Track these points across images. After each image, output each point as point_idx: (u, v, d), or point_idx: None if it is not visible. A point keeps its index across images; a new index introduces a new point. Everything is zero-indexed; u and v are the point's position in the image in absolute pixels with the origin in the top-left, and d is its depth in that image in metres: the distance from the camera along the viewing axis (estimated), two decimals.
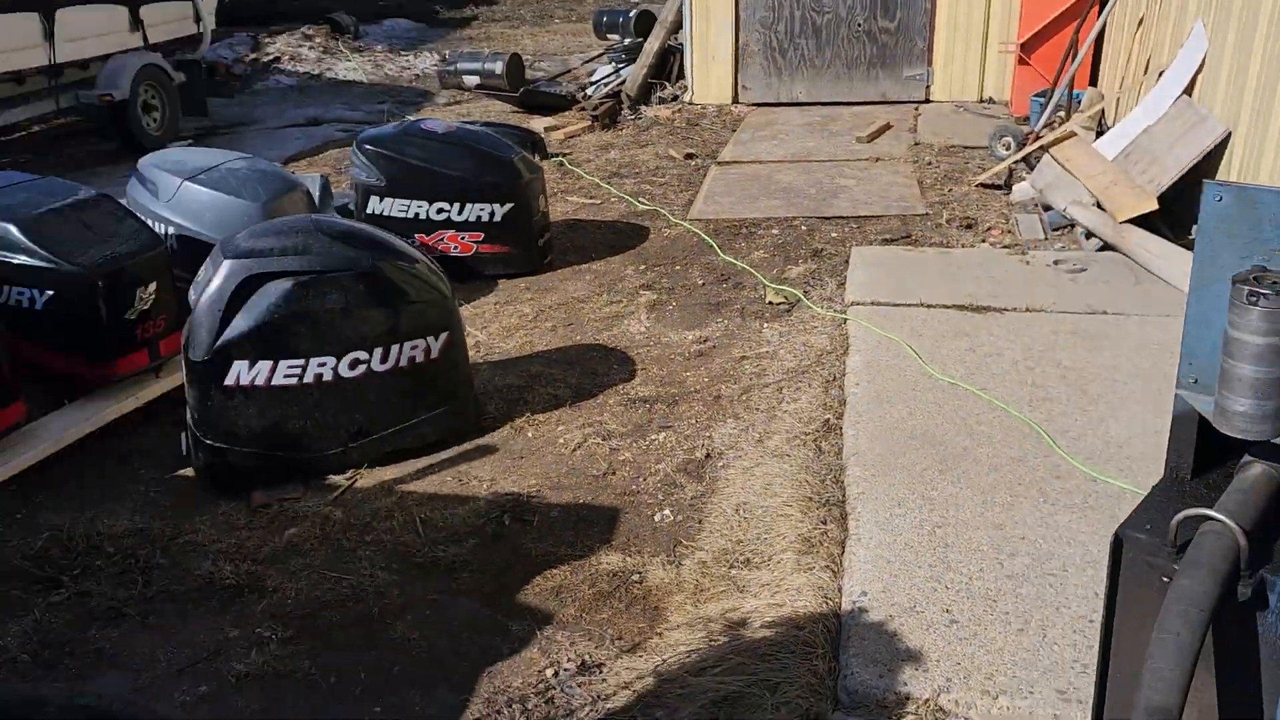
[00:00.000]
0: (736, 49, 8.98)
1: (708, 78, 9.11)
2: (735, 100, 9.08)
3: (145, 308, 3.94)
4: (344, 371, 3.56)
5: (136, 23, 9.04)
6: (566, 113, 9.30)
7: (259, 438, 3.54)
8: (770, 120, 8.51)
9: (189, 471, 3.67)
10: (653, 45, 9.47)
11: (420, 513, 3.38)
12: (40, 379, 3.86)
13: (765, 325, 4.70)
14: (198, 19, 10.06)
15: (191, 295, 3.54)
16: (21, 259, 3.75)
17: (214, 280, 3.46)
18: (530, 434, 3.88)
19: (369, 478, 3.62)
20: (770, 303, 4.91)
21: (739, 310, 4.89)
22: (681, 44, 9.44)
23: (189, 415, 3.58)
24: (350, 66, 12.65)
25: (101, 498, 3.55)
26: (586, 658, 2.72)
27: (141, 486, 3.63)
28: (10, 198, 3.94)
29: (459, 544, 3.22)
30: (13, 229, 3.75)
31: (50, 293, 3.77)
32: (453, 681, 2.67)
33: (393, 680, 2.68)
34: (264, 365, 3.47)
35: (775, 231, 5.93)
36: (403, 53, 13.53)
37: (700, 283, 5.26)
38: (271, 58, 12.84)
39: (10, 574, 3.14)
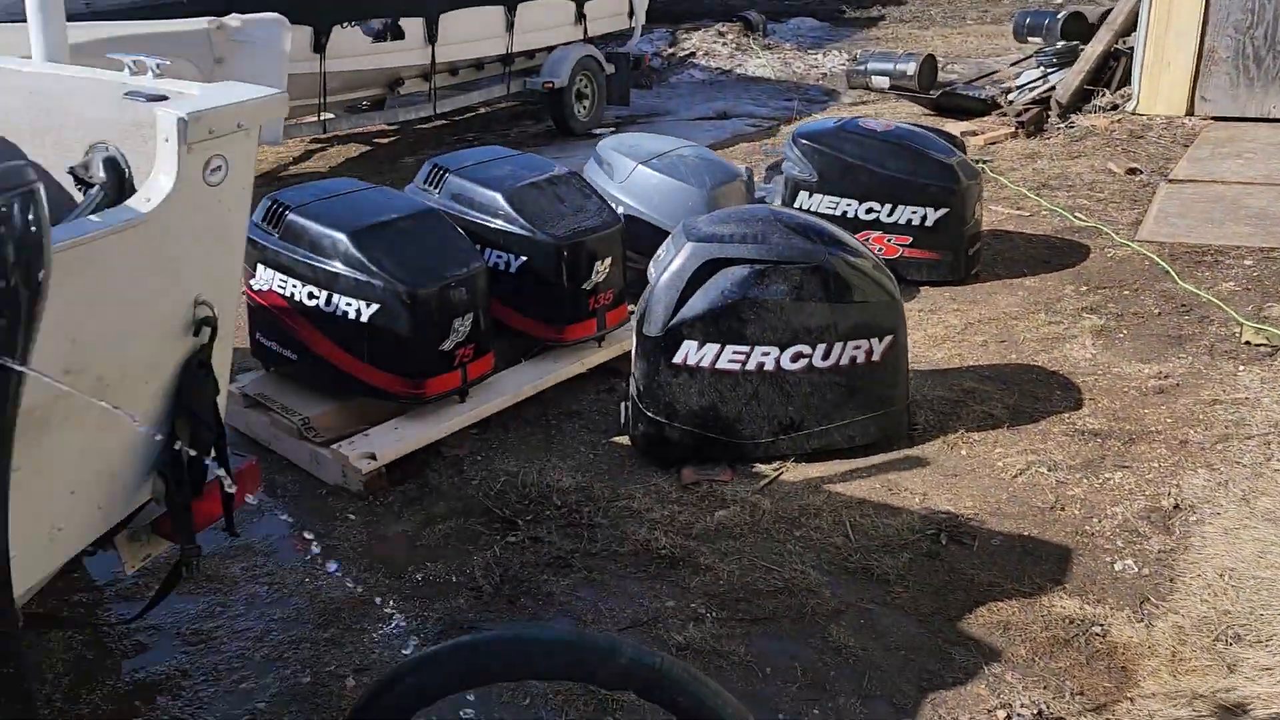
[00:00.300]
0: (1199, 55, 8.00)
1: (1157, 86, 8.21)
2: (1189, 112, 8.10)
3: (599, 280, 4.17)
4: (785, 363, 3.55)
5: (580, 16, 9.76)
6: (984, 118, 8.79)
7: (695, 416, 3.62)
8: (1233, 136, 7.50)
9: (623, 439, 3.85)
10: (1094, 49, 8.70)
11: (850, 516, 3.29)
12: (500, 336, 4.22)
13: (1241, 368, 4.10)
14: (631, 14, 10.71)
15: (651, 272, 3.68)
16: (502, 225, 4.11)
17: (675, 260, 3.58)
18: (964, 452, 3.66)
19: (794, 472, 3.59)
20: (1247, 342, 4.28)
21: (1206, 347, 4.31)
22: (1130, 48, 8.59)
23: (633, 386, 3.74)
24: (759, 63, 12.89)
25: (547, 453, 3.81)
26: (1044, 707, 2.48)
27: (581, 447, 3.85)
28: (497, 170, 4.34)
29: (893, 555, 3.09)
30: (499, 198, 4.12)
31: (523, 259, 4.10)
32: (893, 700, 2.55)
33: (830, 684, 2.61)
34: (711, 348, 3.54)
35: (1248, 262, 5.18)
36: (809, 51, 13.57)
37: (1156, 312, 4.71)
38: (686, 53, 13.41)
39: (475, 510, 3.45)
